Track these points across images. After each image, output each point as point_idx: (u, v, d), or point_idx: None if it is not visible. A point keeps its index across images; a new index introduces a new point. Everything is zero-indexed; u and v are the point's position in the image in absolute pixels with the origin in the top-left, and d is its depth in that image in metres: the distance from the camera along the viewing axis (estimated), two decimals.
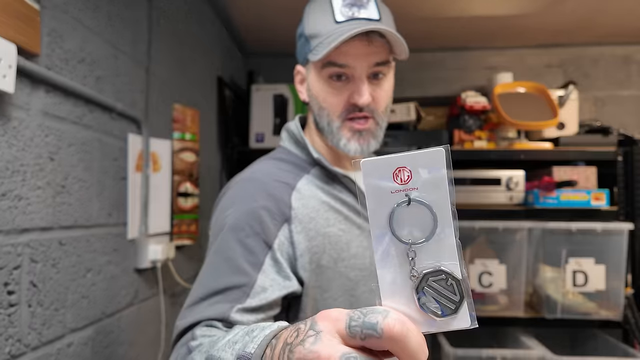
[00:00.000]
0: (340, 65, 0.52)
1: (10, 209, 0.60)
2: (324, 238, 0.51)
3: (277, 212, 0.50)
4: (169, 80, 1.13)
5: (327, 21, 0.52)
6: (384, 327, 0.21)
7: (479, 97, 1.45)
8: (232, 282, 0.46)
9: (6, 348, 0.59)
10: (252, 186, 0.52)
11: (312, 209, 0.52)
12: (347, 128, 0.54)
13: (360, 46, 0.51)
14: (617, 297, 1.23)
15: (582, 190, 1.27)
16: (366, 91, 0.52)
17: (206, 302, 0.45)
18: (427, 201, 0.22)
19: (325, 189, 0.56)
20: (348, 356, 0.21)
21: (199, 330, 0.42)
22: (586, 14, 1.49)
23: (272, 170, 0.56)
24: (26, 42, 0.61)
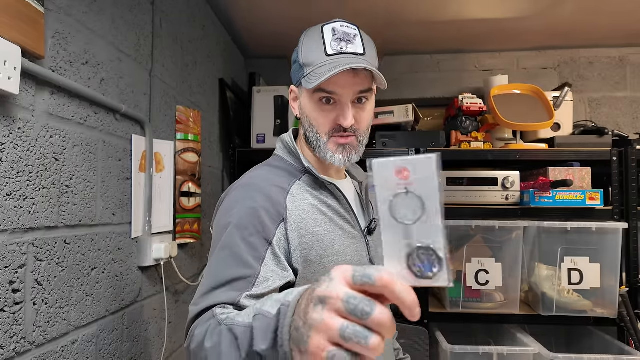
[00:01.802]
0: (329, 92, 0.61)
1: (16, 209, 0.61)
2: (312, 236, 0.59)
3: (274, 212, 0.57)
4: (172, 82, 1.15)
5: (319, 53, 0.60)
6: (376, 277, 0.30)
7: (475, 98, 1.47)
8: (239, 274, 0.53)
9: (11, 345, 0.60)
10: (252, 190, 0.60)
11: (303, 211, 0.60)
12: (332, 143, 0.63)
13: (346, 77, 0.59)
14: (612, 295, 1.25)
15: (577, 190, 1.29)
16: (350, 115, 0.61)
17: (218, 291, 0.52)
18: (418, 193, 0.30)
19: (314, 194, 0.63)
20: (350, 294, 0.31)
21: (218, 309, 0.49)
22: (581, 17, 1.52)
23: (269, 176, 0.63)
24: (31, 44, 0.62)
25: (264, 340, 0.38)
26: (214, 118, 1.48)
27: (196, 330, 0.49)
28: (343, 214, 0.64)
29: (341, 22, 0.62)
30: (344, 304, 0.31)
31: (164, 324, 1.06)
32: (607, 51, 1.81)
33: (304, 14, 1.49)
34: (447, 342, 1.23)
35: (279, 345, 0.36)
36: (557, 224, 1.26)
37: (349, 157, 0.63)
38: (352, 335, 0.30)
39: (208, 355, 0.44)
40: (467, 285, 1.28)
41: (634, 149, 1.33)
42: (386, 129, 1.49)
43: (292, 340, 0.35)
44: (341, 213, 0.64)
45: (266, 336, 0.38)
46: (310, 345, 0.32)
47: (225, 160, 1.59)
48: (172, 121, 1.14)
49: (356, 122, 0.62)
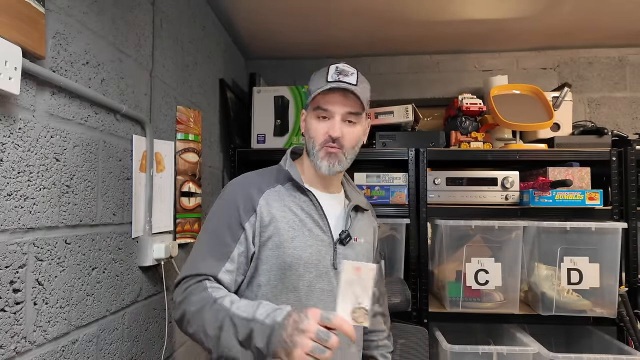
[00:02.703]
0: (323, 109, 0.77)
1: (16, 209, 0.61)
2: (274, 229, 0.75)
3: (249, 205, 0.76)
4: (173, 83, 1.15)
5: (322, 81, 0.78)
6: (333, 320, 0.60)
7: (475, 99, 1.47)
8: (220, 250, 0.74)
9: (12, 345, 0.60)
10: (238, 187, 0.80)
11: (274, 207, 0.77)
12: (323, 151, 0.78)
13: (338, 98, 0.77)
14: (611, 295, 1.25)
15: (577, 190, 1.29)
16: (337, 128, 0.76)
17: (205, 261, 0.73)
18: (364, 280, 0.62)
19: (291, 198, 0.79)
20: (318, 329, 0.59)
21: (209, 283, 0.70)
22: (580, 17, 1.52)
23: (255, 179, 0.81)
24: (31, 44, 0.62)
25: (261, 340, 0.61)
26: (214, 118, 1.49)
27: (193, 297, 0.68)
28: (316, 219, 0.78)
29: (344, 64, 0.80)
30: (314, 334, 0.58)
31: (164, 323, 1.06)
32: (606, 51, 1.82)
33: (304, 14, 1.50)
34: (447, 342, 1.23)
35: (270, 347, 0.60)
36: (557, 223, 1.26)
37: (332, 165, 0.78)
38: (318, 350, 0.58)
39: (206, 324, 0.65)
40: (466, 285, 1.29)
41: (633, 149, 1.33)
42: (386, 129, 1.49)
43: (280, 347, 0.59)
44: (314, 218, 0.78)
45: (263, 338, 0.61)
46: (295, 354, 0.58)
47: (226, 160, 1.59)
48: (173, 121, 1.14)
49: (343, 137, 0.77)
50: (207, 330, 0.65)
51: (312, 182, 0.82)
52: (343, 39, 1.71)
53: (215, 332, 0.64)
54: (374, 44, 1.79)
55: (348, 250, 0.80)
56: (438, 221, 1.32)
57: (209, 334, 0.64)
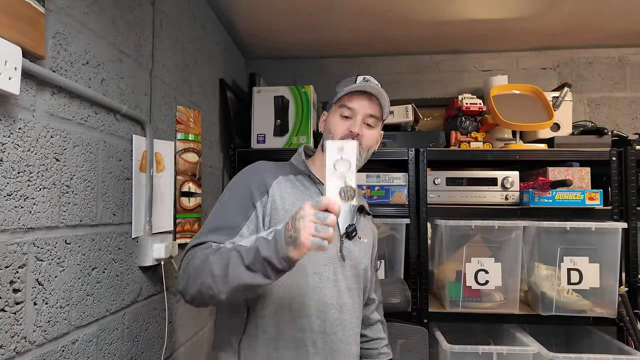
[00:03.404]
0: (349, 108, 0.83)
1: (16, 209, 0.61)
2: (285, 212, 0.77)
3: (262, 186, 0.79)
4: (173, 83, 1.15)
5: (350, 84, 0.84)
6: (323, 200, 0.59)
7: (475, 99, 1.47)
8: (230, 224, 0.76)
9: (11, 345, 0.60)
10: (254, 171, 0.84)
11: (284, 192, 0.80)
12: None
13: (363, 100, 0.83)
14: (611, 295, 1.25)
15: (577, 190, 1.29)
16: (359, 126, 0.82)
17: (212, 234, 0.74)
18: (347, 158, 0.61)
19: (302, 187, 0.83)
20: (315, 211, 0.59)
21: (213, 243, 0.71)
22: (580, 17, 1.52)
23: (270, 165, 0.85)
24: (31, 44, 0.62)
25: (267, 249, 0.62)
26: (214, 118, 1.49)
27: (197, 253, 0.69)
28: None
29: (369, 76, 0.86)
30: (313, 216, 0.59)
31: (164, 324, 1.06)
32: (606, 51, 1.82)
33: (304, 14, 1.50)
34: (447, 342, 1.23)
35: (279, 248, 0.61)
36: (557, 223, 1.26)
37: None
38: (321, 229, 0.58)
39: (212, 265, 0.65)
40: (466, 285, 1.29)
41: (633, 149, 1.33)
42: (386, 129, 1.48)
43: (287, 243, 0.60)
44: None
45: (269, 247, 0.62)
46: (301, 237, 0.59)
47: (226, 160, 1.59)
48: (173, 121, 1.14)
49: (362, 136, 0.82)
50: (214, 271, 0.64)
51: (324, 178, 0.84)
52: (343, 38, 1.71)
53: (222, 270, 0.64)
54: (374, 44, 1.79)
55: (352, 245, 0.82)
56: (438, 221, 1.32)
57: (216, 274, 0.64)
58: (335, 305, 0.78)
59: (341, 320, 0.78)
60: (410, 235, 1.36)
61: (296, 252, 0.60)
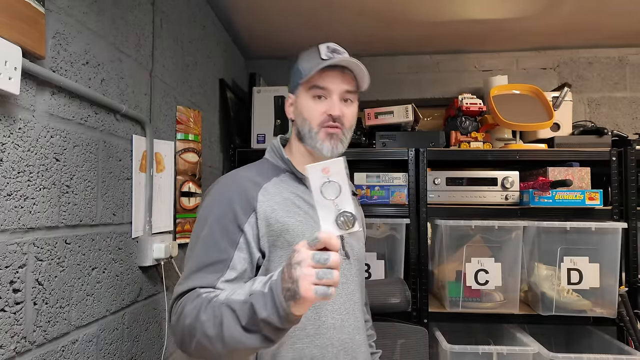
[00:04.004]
0: (321, 88, 0.73)
1: (16, 209, 0.61)
2: (282, 225, 0.68)
3: (247, 204, 0.68)
4: (173, 83, 1.15)
5: (315, 59, 0.73)
6: (319, 237, 0.50)
7: (475, 99, 1.47)
8: (217, 258, 0.65)
9: (11, 345, 0.60)
10: (231, 185, 0.71)
11: (275, 203, 0.69)
12: (323, 132, 0.73)
13: (336, 75, 0.73)
14: (611, 295, 1.25)
15: (577, 190, 1.29)
16: (338, 106, 0.73)
17: (200, 273, 0.64)
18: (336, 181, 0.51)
19: (291, 189, 0.72)
20: (313, 252, 0.50)
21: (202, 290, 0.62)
22: (580, 17, 1.52)
23: (249, 174, 0.73)
24: (31, 44, 0.62)
25: (264, 308, 0.52)
26: (214, 118, 1.49)
27: (187, 308, 0.60)
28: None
29: (333, 43, 0.75)
30: (312, 260, 0.50)
31: (164, 323, 1.06)
32: (606, 51, 1.82)
33: (304, 14, 1.50)
34: (447, 342, 1.23)
35: (278, 306, 0.51)
36: (557, 223, 1.26)
37: (335, 146, 0.73)
38: (323, 275, 0.49)
39: (204, 325, 0.56)
40: (466, 285, 1.29)
41: (633, 149, 1.33)
42: (386, 129, 1.49)
43: (287, 298, 0.51)
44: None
45: (266, 305, 0.52)
46: (302, 290, 0.49)
47: (226, 160, 1.59)
48: (173, 121, 1.14)
49: (343, 116, 0.73)
50: (207, 332, 0.55)
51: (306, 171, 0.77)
52: (343, 38, 1.71)
53: (217, 330, 0.55)
54: (374, 44, 1.79)
55: (352, 238, 0.76)
56: (438, 221, 1.32)
57: (210, 335, 0.55)
58: (350, 310, 0.72)
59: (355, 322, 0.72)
60: (410, 235, 1.36)
61: (298, 307, 0.50)
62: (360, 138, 1.47)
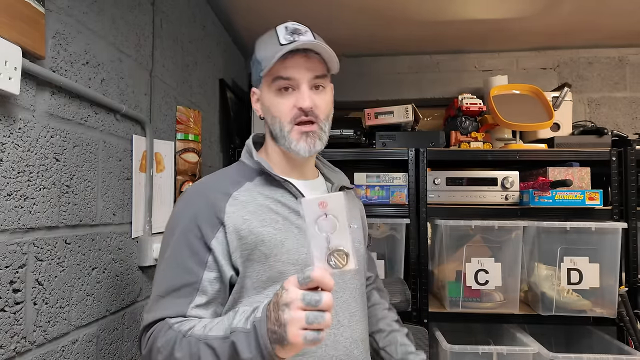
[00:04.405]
0: (286, 78, 0.63)
1: (16, 209, 0.61)
2: (256, 237, 0.61)
3: (214, 217, 0.61)
4: (173, 83, 1.15)
5: (274, 45, 0.63)
6: (312, 275, 0.46)
7: (475, 99, 1.47)
8: (184, 281, 0.59)
9: (11, 345, 0.60)
10: (197, 197, 0.64)
11: (247, 212, 0.62)
12: (295, 131, 0.64)
13: (300, 61, 0.63)
14: (611, 295, 1.25)
15: (577, 190, 1.29)
16: (308, 97, 0.63)
17: (167, 299, 0.59)
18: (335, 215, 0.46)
19: (266, 194, 0.65)
20: (304, 293, 0.46)
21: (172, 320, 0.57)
22: (580, 17, 1.52)
23: (218, 181, 0.66)
24: (31, 44, 0.62)
25: (248, 349, 0.49)
26: (214, 118, 1.49)
27: (158, 341, 0.56)
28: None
29: (292, 22, 0.66)
30: (302, 301, 0.45)
31: None
32: (606, 51, 1.82)
33: (304, 14, 1.50)
34: (447, 342, 1.23)
35: (263, 349, 0.48)
36: (557, 223, 1.26)
37: (313, 144, 0.64)
38: (314, 319, 0.45)
39: None
40: (466, 285, 1.29)
41: (633, 149, 1.33)
42: (386, 129, 1.49)
43: (272, 341, 0.47)
44: (299, 212, 0.63)
45: (250, 346, 0.49)
46: (289, 336, 0.45)
47: (226, 160, 1.59)
48: (173, 121, 1.15)
49: (316, 107, 0.64)
50: None
51: (285, 171, 0.68)
52: (343, 38, 1.71)
53: None
54: (375, 44, 1.79)
55: None
56: (438, 221, 1.32)
57: None
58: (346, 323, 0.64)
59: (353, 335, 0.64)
60: (410, 235, 1.36)
61: (285, 352, 0.47)
62: (360, 138, 1.47)
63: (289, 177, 0.67)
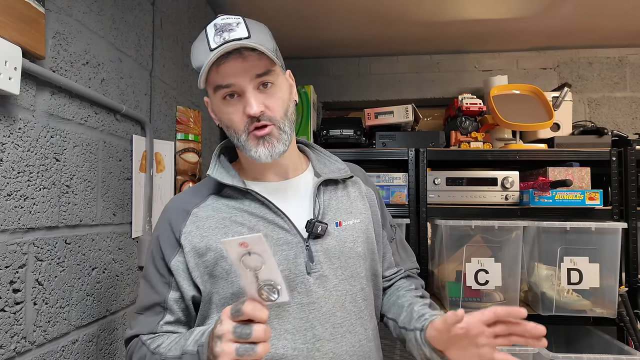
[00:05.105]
0: (226, 86, 0.58)
1: (16, 209, 0.61)
2: (215, 253, 0.59)
3: (172, 238, 0.62)
4: (173, 83, 1.15)
5: (205, 51, 0.58)
6: (243, 308, 0.47)
7: (475, 99, 1.47)
8: (154, 300, 0.62)
9: (11, 345, 0.60)
10: (161, 218, 0.66)
11: (207, 229, 0.61)
12: (252, 138, 0.60)
13: (235, 64, 0.57)
14: (611, 295, 1.25)
15: (577, 190, 1.29)
16: (254, 102, 0.57)
17: (141, 317, 0.63)
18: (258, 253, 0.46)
19: (232, 205, 0.62)
20: (234, 326, 0.47)
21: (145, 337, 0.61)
22: (581, 17, 1.52)
23: (182, 198, 0.66)
24: (31, 44, 0.62)
25: None
26: None
27: (134, 358, 0.60)
28: (271, 219, 0.60)
29: (222, 16, 0.60)
30: (232, 334, 0.47)
31: None
32: (606, 51, 1.82)
33: (303, 14, 1.50)
34: None
35: None
36: (557, 223, 1.26)
37: (272, 148, 0.60)
38: (244, 352, 0.46)
39: None
40: (466, 285, 1.29)
41: (633, 149, 1.33)
42: (386, 129, 1.49)
43: None
44: (268, 218, 0.61)
45: None
46: None
47: None
48: (173, 121, 1.15)
49: (268, 109, 0.58)
50: None
51: (262, 174, 0.65)
52: (343, 38, 1.71)
53: None
54: (374, 44, 1.79)
55: (329, 242, 0.61)
56: (438, 221, 1.32)
57: None
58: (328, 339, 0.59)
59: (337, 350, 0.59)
60: (410, 235, 1.36)
61: None
62: (360, 138, 1.47)
63: (263, 181, 0.65)
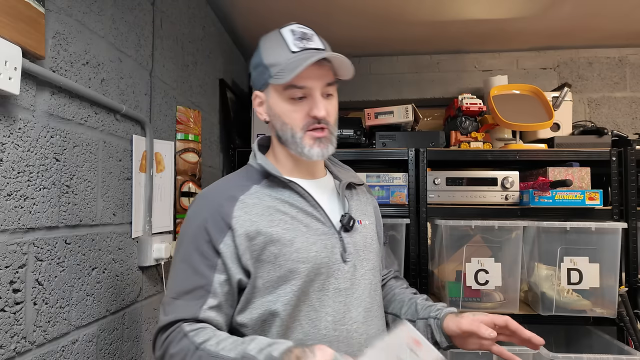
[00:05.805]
0: (300, 87, 0.65)
1: (16, 209, 0.61)
2: (265, 237, 0.63)
3: (221, 222, 0.64)
4: (173, 83, 1.15)
5: (284, 52, 0.65)
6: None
7: (475, 99, 1.48)
8: (196, 283, 0.62)
9: (11, 345, 0.60)
10: (206, 202, 0.67)
11: (255, 215, 0.64)
12: (308, 137, 0.66)
13: (314, 70, 0.64)
14: (611, 295, 1.25)
15: (577, 190, 1.29)
16: (322, 106, 0.65)
17: (180, 301, 0.62)
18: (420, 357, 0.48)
19: (274, 195, 0.67)
20: None
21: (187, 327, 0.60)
22: (580, 17, 1.52)
23: (226, 186, 0.69)
24: (31, 44, 0.62)
25: None
26: (214, 118, 1.49)
27: (172, 348, 0.59)
28: (309, 211, 0.66)
29: (297, 25, 0.67)
30: None
31: None
32: (606, 51, 1.82)
33: (304, 14, 1.50)
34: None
35: None
36: (557, 223, 1.26)
37: (325, 149, 0.67)
38: None
39: None
40: (466, 285, 1.29)
41: (633, 149, 1.33)
42: (386, 129, 1.49)
43: None
44: (307, 210, 0.66)
45: None
46: None
47: (226, 160, 1.59)
48: (173, 121, 1.15)
49: (328, 115, 0.66)
50: None
51: (293, 172, 0.70)
52: (343, 38, 1.71)
53: None
54: (374, 44, 1.79)
55: (355, 236, 0.68)
56: (438, 221, 1.32)
57: None
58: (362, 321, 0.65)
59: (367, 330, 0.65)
60: (410, 235, 1.36)
61: None
62: (360, 138, 1.47)
63: (295, 178, 0.69)
